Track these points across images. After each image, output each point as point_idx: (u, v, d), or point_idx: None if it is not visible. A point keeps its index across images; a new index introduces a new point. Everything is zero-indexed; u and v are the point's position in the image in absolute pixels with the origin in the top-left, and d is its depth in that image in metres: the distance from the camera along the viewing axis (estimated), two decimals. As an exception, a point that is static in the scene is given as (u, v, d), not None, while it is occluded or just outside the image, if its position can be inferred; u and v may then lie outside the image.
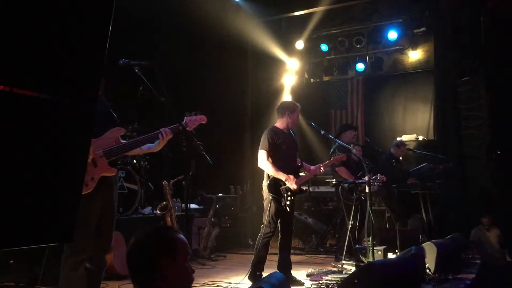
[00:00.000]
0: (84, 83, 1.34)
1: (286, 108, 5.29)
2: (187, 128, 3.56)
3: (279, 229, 5.16)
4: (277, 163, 5.00)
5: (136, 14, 6.90)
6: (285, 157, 5.10)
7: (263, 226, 5.01)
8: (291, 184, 4.90)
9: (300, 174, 5.23)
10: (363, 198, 5.94)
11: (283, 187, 4.93)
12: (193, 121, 3.59)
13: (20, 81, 1.18)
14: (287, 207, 4.95)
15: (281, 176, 4.93)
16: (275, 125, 5.30)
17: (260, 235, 5.01)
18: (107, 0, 1.38)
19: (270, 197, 4.94)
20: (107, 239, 3.31)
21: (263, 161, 5.00)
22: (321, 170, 5.44)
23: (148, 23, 7.62)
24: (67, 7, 1.27)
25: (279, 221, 5.08)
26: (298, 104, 5.42)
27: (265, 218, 4.99)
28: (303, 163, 5.36)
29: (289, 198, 4.93)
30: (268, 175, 5.01)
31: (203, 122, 3.62)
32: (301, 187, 5.16)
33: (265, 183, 5.04)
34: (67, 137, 1.31)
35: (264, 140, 5.07)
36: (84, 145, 1.40)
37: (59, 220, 1.31)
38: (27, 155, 1.22)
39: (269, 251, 5.16)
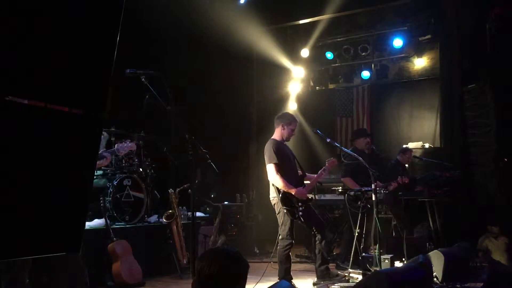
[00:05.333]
0: (93, 95, 1.35)
1: (283, 119, 5.23)
2: (118, 154, 4.11)
3: (313, 230, 5.23)
4: (285, 176, 4.99)
5: (142, 24, 6.95)
6: (290, 168, 5.11)
7: (281, 239, 5.02)
8: (301, 197, 4.95)
9: (306, 182, 5.26)
10: (369, 206, 5.91)
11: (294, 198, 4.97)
12: (124, 147, 4.06)
13: (52, 96, 1.21)
14: (301, 218, 4.99)
15: (291, 190, 4.94)
16: (273, 137, 5.24)
17: (280, 248, 5.03)
18: (114, 11, 1.39)
19: (284, 211, 4.93)
20: None
21: (273, 175, 4.96)
22: (323, 176, 5.46)
23: (154, 32, 7.67)
24: (75, 19, 1.29)
25: (311, 226, 5.19)
26: (297, 118, 5.34)
27: (282, 231, 5.00)
28: (305, 172, 5.36)
29: (301, 208, 4.97)
30: (278, 188, 4.99)
31: (133, 149, 4.10)
32: (308, 195, 5.20)
33: (275, 197, 5.02)
34: (77, 147, 1.32)
35: (270, 153, 5.01)
36: (92, 154, 1.41)
37: (67, 231, 1.31)
38: (43, 167, 1.23)
39: (290, 260, 5.17)
